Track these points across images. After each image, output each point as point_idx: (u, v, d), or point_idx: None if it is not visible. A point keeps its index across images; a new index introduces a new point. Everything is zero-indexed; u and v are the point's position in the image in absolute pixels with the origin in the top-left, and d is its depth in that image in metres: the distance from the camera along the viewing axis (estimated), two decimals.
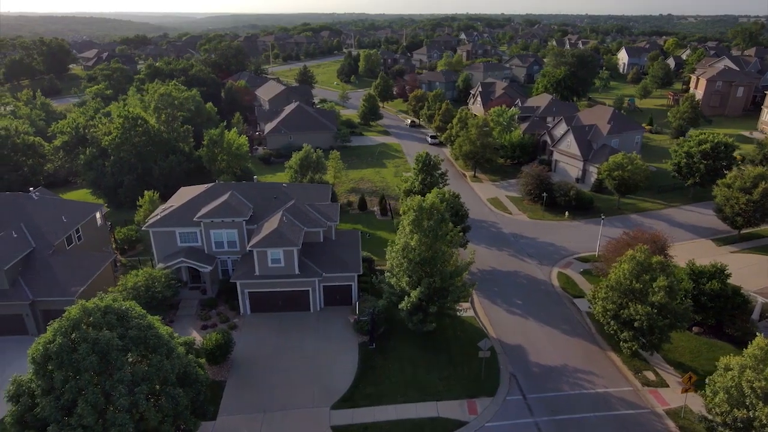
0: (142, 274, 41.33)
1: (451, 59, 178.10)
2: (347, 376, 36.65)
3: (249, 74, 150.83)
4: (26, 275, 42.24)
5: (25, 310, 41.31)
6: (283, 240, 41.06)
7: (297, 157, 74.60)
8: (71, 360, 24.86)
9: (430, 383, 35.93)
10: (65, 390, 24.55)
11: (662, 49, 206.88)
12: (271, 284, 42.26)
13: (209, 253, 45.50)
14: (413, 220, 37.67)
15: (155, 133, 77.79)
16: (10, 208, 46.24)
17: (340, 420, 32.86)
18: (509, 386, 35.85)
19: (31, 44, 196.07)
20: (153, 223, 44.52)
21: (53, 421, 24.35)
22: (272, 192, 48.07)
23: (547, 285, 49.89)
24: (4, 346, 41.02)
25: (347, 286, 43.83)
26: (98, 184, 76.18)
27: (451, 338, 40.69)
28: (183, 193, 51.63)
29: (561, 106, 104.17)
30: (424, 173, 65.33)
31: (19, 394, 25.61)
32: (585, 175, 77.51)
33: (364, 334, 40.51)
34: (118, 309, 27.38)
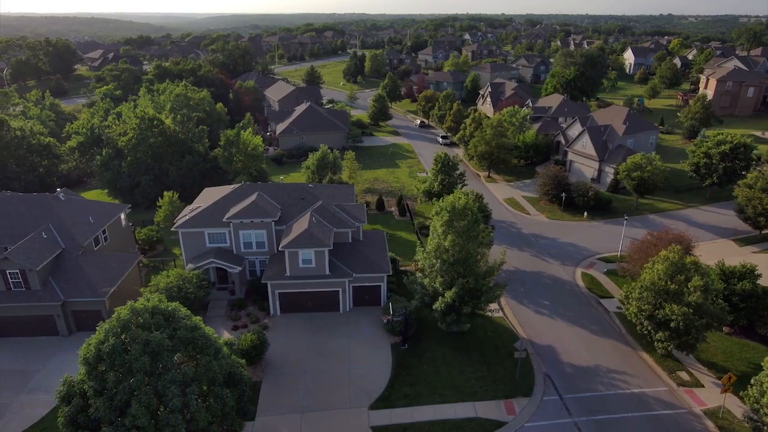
0: (173, 275, 41.42)
1: (458, 59, 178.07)
2: (382, 377, 36.75)
3: (257, 75, 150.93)
4: (57, 276, 42.31)
5: (56, 311, 41.39)
6: (314, 240, 41.16)
7: (314, 157, 74.67)
8: (123, 361, 24.96)
9: (466, 383, 36.03)
10: (118, 391, 24.63)
11: (667, 49, 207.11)
12: (302, 285, 42.35)
13: (237, 253, 45.60)
14: (447, 221, 37.78)
15: (171, 133, 77.84)
16: (38, 209, 46.30)
17: (379, 420, 32.96)
18: (544, 386, 35.96)
19: (37, 44, 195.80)
20: (182, 224, 44.61)
21: (107, 422, 24.45)
22: (299, 192, 48.14)
23: (572, 285, 50.00)
24: (36, 346, 41.05)
25: (376, 287, 43.94)
26: (114, 184, 76.29)
27: (483, 339, 40.80)
28: (208, 193, 51.72)
29: (573, 106, 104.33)
30: (443, 174, 65.60)
31: (70, 395, 25.70)
32: (601, 175, 77.61)
33: (395, 335, 40.62)
34: (165, 310, 27.48)
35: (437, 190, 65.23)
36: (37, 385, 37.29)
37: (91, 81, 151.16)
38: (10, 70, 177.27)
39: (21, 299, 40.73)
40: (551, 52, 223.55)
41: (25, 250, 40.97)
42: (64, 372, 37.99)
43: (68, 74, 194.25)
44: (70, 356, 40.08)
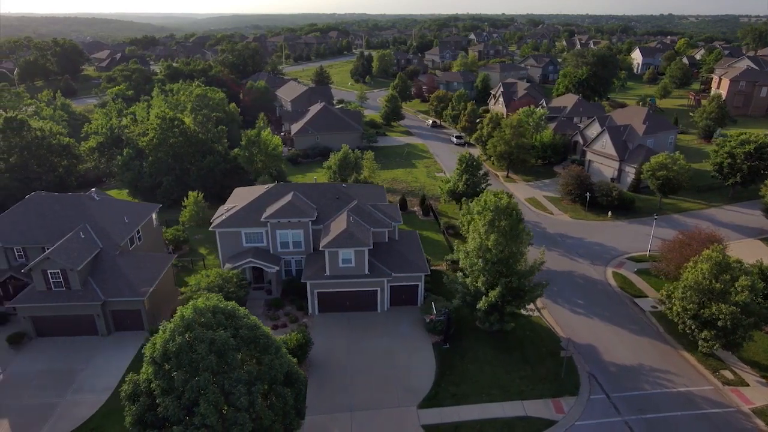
0: (213, 275, 41.48)
1: (466, 59, 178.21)
2: (427, 376, 36.87)
3: (267, 75, 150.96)
4: (96, 276, 42.37)
5: (96, 311, 41.45)
6: (354, 240, 41.26)
7: (336, 157, 74.70)
8: (190, 360, 25.04)
9: (511, 383, 36.16)
10: (186, 389, 24.70)
11: (674, 49, 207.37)
12: (341, 284, 42.45)
13: (274, 253, 45.69)
14: (490, 221, 37.90)
15: (191, 134, 77.89)
16: (73, 209, 46.39)
17: (429, 419, 33.08)
18: (590, 386, 36.08)
19: (45, 45, 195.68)
20: (219, 224, 44.69)
21: (176, 421, 24.51)
22: (333, 192, 48.22)
23: (604, 285, 50.13)
24: (77, 346, 41.11)
25: (414, 286, 44.06)
26: (135, 184, 76.34)
27: (522, 338, 40.93)
28: (240, 193, 51.81)
29: (587, 106, 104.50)
30: (468, 173, 65.69)
31: (137, 394, 25.77)
32: (621, 174, 77.73)
33: (435, 334, 40.74)
34: (226, 309, 27.58)
35: (462, 190, 65.36)
36: (82, 385, 37.36)
37: (101, 81, 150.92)
38: (18, 71, 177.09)
39: (62, 299, 40.80)
40: (557, 52, 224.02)
41: (65, 250, 41.04)
42: (107, 371, 38.47)
43: (76, 74, 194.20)
44: (110, 356, 40.35)
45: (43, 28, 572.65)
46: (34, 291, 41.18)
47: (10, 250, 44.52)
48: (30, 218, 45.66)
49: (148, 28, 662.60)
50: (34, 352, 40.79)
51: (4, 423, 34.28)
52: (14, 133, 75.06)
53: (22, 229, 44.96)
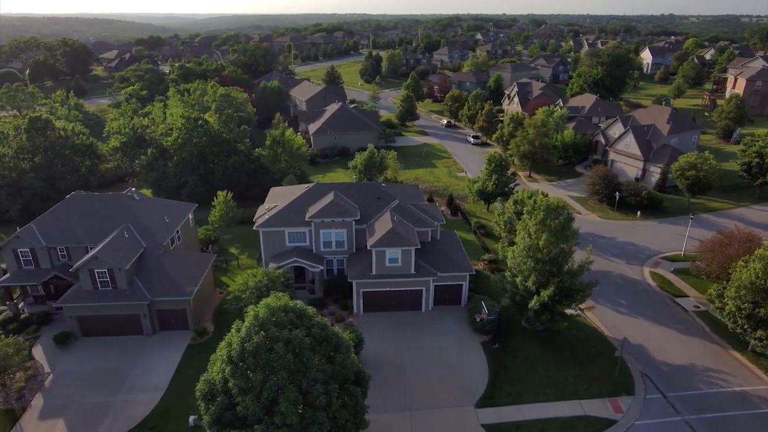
0: (260, 274, 41.39)
1: (477, 59, 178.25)
2: (481, 376, 36.85)
3: (280, 75, 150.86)
4: (141, 275, 42.32)
5: (143, 311, 41.39)
6: (401, 240, 41.23)
7: (361, 157, 74.71)
8: (269, 359, 24.99)
9: (565, 382, 36.16)
10: (264, 389, 24.65)
11: (682, 49, 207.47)
12: (387, 284, 42.43)
13: (317, 252, 45.62)
14: (541, 220, 37.89)
15: (216, 133, 77.85)
16: (115, 208, 46.35)
17: (488, 419, 33.05)
18: (645, 385, 36.06)
19: (55, 45, 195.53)
20: (263, 223, 44.63)
21: (256, 421, 24.45)
22: (373, 192, 48.18)
23: (643, 284, 50.12)
24: (124, 346, 41.04)
25: (458, 286, 44.04)
26: (159, 184, 76.21)
27: (569, 337, 40.92)
28: (276, 193, 51.77)
29: (606, 106, 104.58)
30: (497, 173, 65.66)
31: (213, 394, 25.69)
32: (645, 174, 77.72)
33: (483, 334, 40.72)
34: (296, 308, 27.52)
35: (491, 190, 65.38)
36: (133, 384, 37.30)
37: (114, 81, 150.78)
38: (28, 71, 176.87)
39: (109, 299, 40.74)
40: (564, 53, 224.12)
41: (111, 250, 40.98)
42: (156, 371, 38.40)
43: (85, 75, 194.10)
44: (157, 355, 40.28)
45: (45, 29, 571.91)
46: (80, 290, 41.12)
47: (53, 249, 44.45)
48: (71, 218, 45.60)
49: (149, 28, 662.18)
50: (81, 352, 40.72)
51: (60, 422, 34.23)
52: (39, 133, 74.96)
53: (64, 228, 44.91)
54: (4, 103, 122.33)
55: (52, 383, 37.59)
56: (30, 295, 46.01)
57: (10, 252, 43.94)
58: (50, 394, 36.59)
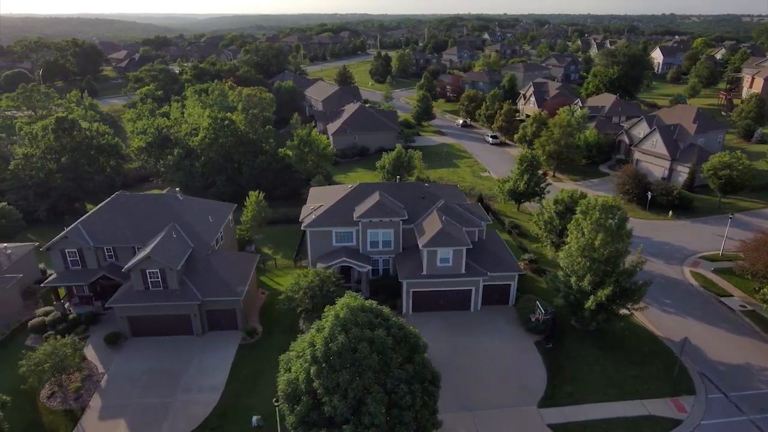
0: (312, 274, 41.31)
1: (488, 59, 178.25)
2: (538, 375, 36.82)
3: (293, 75, 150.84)
4: (190, 276, 42.25)
5: (194, 311, 41.32)
6: (452, 239, 41.19)
7: (390, 157, 74.63)
8: (353, 359, 24.94)
9: (624, 382, 36.13)
10: (351, 389, 24.60)
11: (691, 48, 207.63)
12: (437, 284, 42.39)
13: (363, 252, 45.57)
14: (597, 220, 37.86)
15: (242, 133, 77.82)
16: (159, 209, 46.30)
17: (553, 419, 33.01)
18: (704, 385, 36.03)
19: (65, 45, 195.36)
20: (311, 223, 44.58)
21: (344, 421, 24.39)
22: (417, 191, 48.15)
23: (685, 284, 50.09)
24: (175, 346, 40.98)
25: (506, 286, 44.02)
26: (187, 184, 76.10)
27: (622, 337, 40.92)
28: (317, 193, 51.71)
29: (625, 106, 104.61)
30: (528, 173, 65.63)
31: (297, 394, 25.62)
32: (672, 174, 77.69)
33: (535, 334, 40.68)
34: (373, 308, 27.49)
35: (523, 190, 65.34)
36: (190, 385, 37.23)
37: (129, 81, 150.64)
38: (43, 71, 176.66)
39: (160, 299, 40.67)
40: (573, 52, 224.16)
41: (163, 250, 40.91)
42: (210, 371, 38.34)
43: (95, 75, 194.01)
44: (209, 355, 40.23)
45: (48, 29, 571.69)
46: (131, 291, 41.05)
47: (100, 249, 44.37)
48: (117, 218, 45.52)
49: (150, 28, 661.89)
50: (132, 352, 40.66)
51: (121, 423, 34.18)
52: (65, 133, 74.84)
53: (111, 228, 44.84)
54: (20, 103, 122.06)
55: (107, 383, 37.53)
56: (76, 296, 45.97)
57: (58, 252, 43.87)
58: (107, 395, 36.54)
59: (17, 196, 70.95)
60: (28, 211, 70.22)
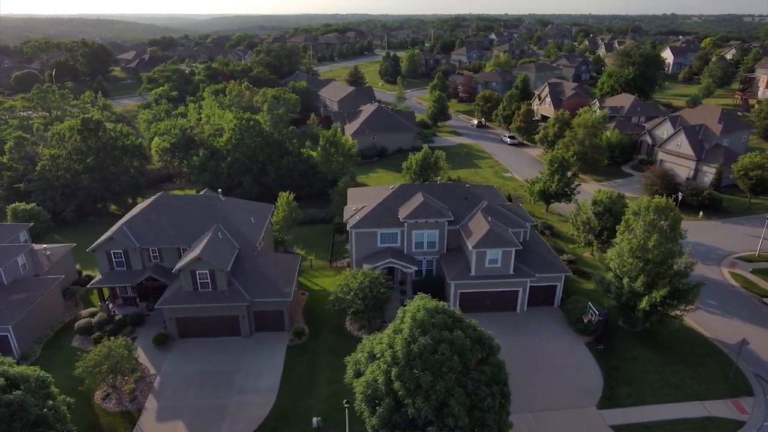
0: (360, 275, 41.24)
1: (500, 60, 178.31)
2: (594, 376, 36.79)
3: (306, 75, 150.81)
4: (238, 277, 42.17)
5: (242, 312, 41.26)
6: (502, 240, 41.16)
7: (416, 158, 74.48)
8: (435, 361, 24.91)
9: (681, 383, 36.10)
10: (433, 391, 24.55)
11: (700, 48, 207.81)
12: (485, 285, 42.35)
13: (408, 253, 45.52)
14: (651, 221, 37.85)
15: (267, 134, 77.77)
16: (204, 210, 46.23)
17: (614, 420, 32.98)
18: (761, 386, 36.00)
19: (74, 45, 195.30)
20: (356, 224, 44.51)
21: (427, 423, 24.35)
22: (460, 192, 48.08)
23: (726, 285, 50.06)
24: (224, 347, 40.91)
25: (552, 287, 43.99)
26: (213, 185, 75.98)
27: (673, 339, 40.86)
28: (357, 194, 51.66)
29: (644, 106, 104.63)
30: (559, 174, 65.62)
31: (378, 396, 25.56)
32: (697, 174, 77.69)
33: (585, 335, 40.65)
34: (446, 309, 27.45)
35: (554, 191, 65.31)
36: (243, 386, 37.16)
37: (143, 82, 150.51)
38: (49, 72, 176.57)
39: (209, 300, 40.60)
40: (581, 52, 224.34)
41: (212, 251, 40.84)
42: (262, 373, 38.26)
43: (105, 75, 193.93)
44: (259, 357, 40.17)
45: (50, 29, 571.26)
46: (180, 292, 40.97)
47: (145, 250, 44.30)
48: (162, 219, 45.46)
49: (152, 29, 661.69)
50: (181, 353, 40.59)
51: (179, 424, 34.11)
52: (91, 133, 74.79)
53: (156, 229, 44.77)
54: (35, 104, 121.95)
55: (160, 385, 37.45)
56: (119, 297, 45.92)
57: (103, 253, 43.81)
58: (162, 396, 36.47)
59: (44, 197, 70.89)
60: (55, 212, 70.17)
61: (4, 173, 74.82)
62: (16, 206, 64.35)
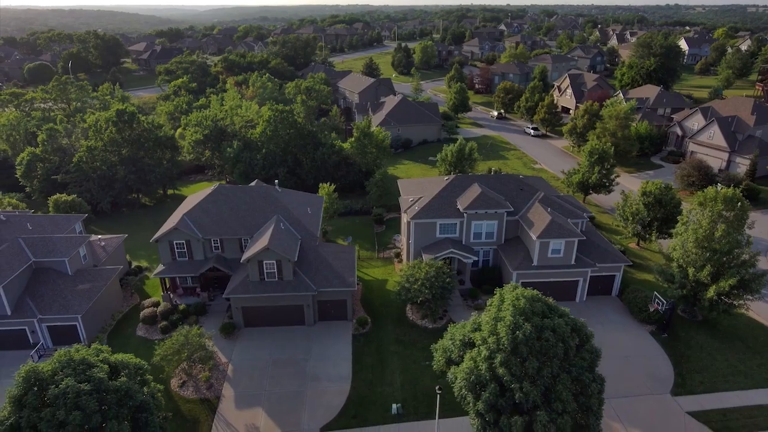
0: (425, 266, 41.65)
1: (515, 51, 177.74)
2: (663, 364, 37.34)
3: (323, 67, 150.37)
4: (302, 267, 42.55)
5: (307, 301, 41.72)
6: (564, 231, 41.56)
7: (451, 149, 74.59)
8: (540, 347, 25.37)
9: (751, 371, 36.67)
10: (539, 376, 25.04)
11: (712, 38, 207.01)
12: (546, 274, 42.78)
13: (466, 243, 45.91)
14: (719, 211, 38.21)
15: (301, 126, 77.89)
16: (262, 200, 46.53)
17: (691, 406, 33.56)
18: None
19: (87, 37, 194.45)
20: (416, 215, 44.83)
21: (533, 407, 24.85)
22: (514, 183, 48.38)
23: None
24: (291, 336, 41.42)
25: (611, 277, 44.45)
26: (247, 176, 76.26)
27: (736, 327, 41.37)
28: (409, 185, 51.90)
29: (670, 97, 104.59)
30: (599, 165, 65.88)
31: (480, 382, 26.01)
32: (729, 165, 77.96)
33: (648, 324, 41.18)
34: (541, 297, 27.86)
35: (594, 182, 65.59)
36: (317, 374, 37.67)
37: (160, 74, 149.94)
38: (61, 63, 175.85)
39: (275, 289, 41.01)
40: (593, 43, 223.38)
41: (279, 241, 41.19)
42: (332, 360, 38.78)
43: (118, 67, 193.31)
44: (327, 345, 40.73)
45: (51, 21, 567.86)
46: (247, 281, 41.37)
47: (207, 241, 44.67)
48: (222, 210, 45.78)
49: (153, 20, 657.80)
50: (248, 342, 41.09)
51: (259, 411, 34.66)
52: (125, 125, 74.91)
53: (217, 220, 45.10)
54: (55, 96, 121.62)
55: (234, 373, 37.98)
56: (179, 287, 46.34)
57: (166, 244, 44.18)
58: (237, 384, 37.00)
59: (80, 188, 71.18)
60: (91, 204, 70.53)
61: (38, 165, 74.99)
62: (57, 197, 64.64)
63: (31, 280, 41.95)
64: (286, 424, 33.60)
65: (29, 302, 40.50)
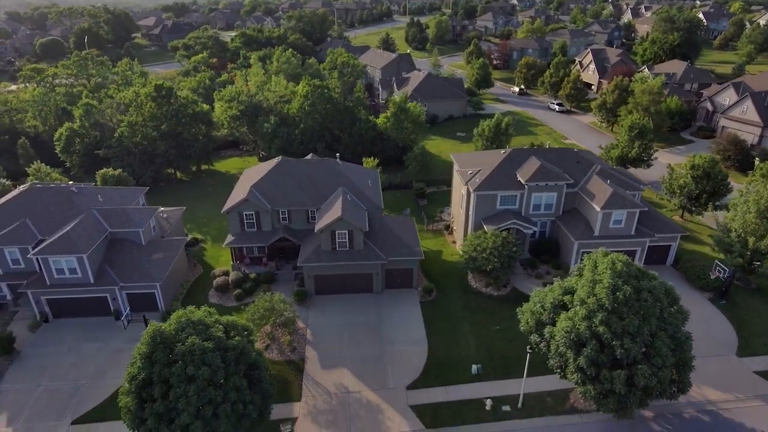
0: (491, 236, 43.03)
1: (532, 26, 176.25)
2: (725, 329, 39.22)
3: (341, 41, 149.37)
4: (370, 237, 43.88)
5: (377, 270, 43.21)
6: (627, 202, 42.87)
7: (488, 124, 75.32)
8: (639, 307, 26.91)
9: None
10: (639, 334, 26.65)
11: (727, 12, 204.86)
12: (607, 244, 43.82)
13: (526, 215, 47.23)
14: None
15: (338, 101, 78.37)
16: (326, 173, 47.63)
17: (756, 366, 35.51)
18: None
19: (98, 12, 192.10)
20: (479, 187, 45.99)
21: (633, 362, 26.53)
22: (569, 156, 49.43)
23: None
24: (361, 303, 43.06)
25: (666, 247, 45.96)
26: (286, 151, 77.04)
27: None
28: (463, 159, 52.86)
29: (697, 72, 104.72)
30: (639, 139, 66.85)
31: (581, 340, 27.61)
32: (761, 140, 78.83)
33: (706, 291, 42.87)
34: (631, 262, 29.28)
35: (634, 156, 66.64)
36: (394, 338, 39.42)
37: (178, 50, 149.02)
38: (77, 38, 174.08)
39: (347, 258, 42.45)
40: (606, 18, 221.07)
41: (350, 212, 42.47)
42: (406, 325, 40.51)
43: (129, 42, 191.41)
44: (398, 310, 42.49)
45: None
46: (319, 251, 42.80)
47: (275, 212, 45.96)
48: (287, 182, 46.93)
49: None
50: (321, 308, 42.78)
51: (345, 371, 36.47)
52: (164, 100, 75.40)
53: (284, 192, 46.30)
54: (76, 72, 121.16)
55: (314, 337, 39.72)
56: (246, 257, 47.81)
57: (235, 215, 45.47)
58: (318, 347, 38.76)
59: (122, 163, 72.03)
60: (134, 178, 71.51)
61: (77, 140, 75.72)
62: (105, 172, 65.60)
63: (108, 250, 43.34)
64: (372, 383, 35.45)
65: (109, 271, 41.96)
